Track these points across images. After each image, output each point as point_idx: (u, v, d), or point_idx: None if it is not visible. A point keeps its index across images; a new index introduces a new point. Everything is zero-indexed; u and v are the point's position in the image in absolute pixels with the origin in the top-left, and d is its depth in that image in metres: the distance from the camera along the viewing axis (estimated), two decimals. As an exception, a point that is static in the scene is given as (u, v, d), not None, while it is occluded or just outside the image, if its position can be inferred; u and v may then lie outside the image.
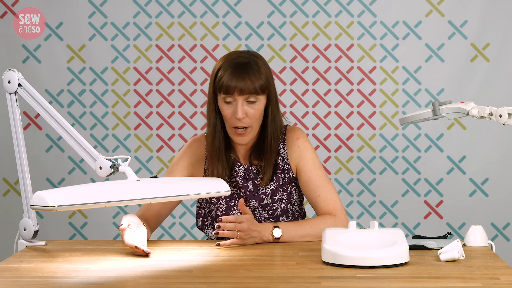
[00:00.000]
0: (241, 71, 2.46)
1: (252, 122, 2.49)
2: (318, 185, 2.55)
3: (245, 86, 2.45)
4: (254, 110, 2.48)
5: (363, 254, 2.10)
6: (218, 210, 2.59)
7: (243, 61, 2.49)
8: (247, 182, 2.57)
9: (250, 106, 2.48)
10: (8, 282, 2.00)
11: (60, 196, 1.97)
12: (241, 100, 2.46)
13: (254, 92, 2.46)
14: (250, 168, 2.58)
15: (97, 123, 3.92)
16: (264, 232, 2.41)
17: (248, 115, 2.47)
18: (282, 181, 2.58)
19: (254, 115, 2.48)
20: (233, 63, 2.48)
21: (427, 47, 3.87)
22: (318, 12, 3.88)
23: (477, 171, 3.88)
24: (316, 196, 2.54)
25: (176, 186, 2.24)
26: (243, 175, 2.58)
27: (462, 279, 2.00)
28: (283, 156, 2.58)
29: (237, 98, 2.46)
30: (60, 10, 3.88)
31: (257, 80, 2.47)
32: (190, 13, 3.89)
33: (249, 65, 2.48)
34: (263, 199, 2.57)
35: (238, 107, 2.46)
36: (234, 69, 2.47)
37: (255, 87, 2.46)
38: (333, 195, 2.55)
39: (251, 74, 2.46)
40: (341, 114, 3.90)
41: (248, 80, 2.45)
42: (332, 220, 2.50)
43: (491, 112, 2.38)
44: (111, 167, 2.19)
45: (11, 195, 3.94)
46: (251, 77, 2.46)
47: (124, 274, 2.08)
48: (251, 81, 2.45)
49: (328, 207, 2.53)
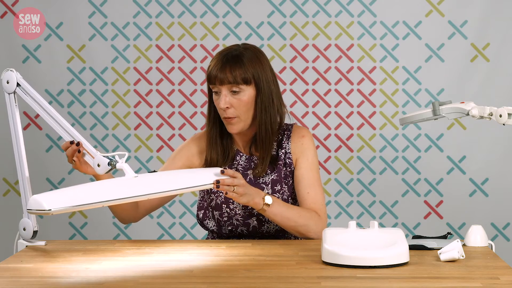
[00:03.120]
0: (224, 63, 2.54)
1: (238, 113, 2.55)
2: (310, 183, 2.60)
3: (224, 76, 2.53)
4: (237, 100, 2.54)
5: (363, 254, 2.10)
6: (218, 199, 2.62)
7: (230, 53, 2.57)
8: (247, 170, 2.63)
9: (234, 96, 2.55)
10: (8, 282, 2.00)
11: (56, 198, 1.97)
12: (224, 90, 2.54)
13: (234, 82, 2.53)
14: (251, 158, 2.64)
15: (97, 123, 3.92)
16: (257, 194, 2.46)
17: (232, 105, 2.54)
18: (284, 174, 2.62)
19: (238, 105, 2.54)
20: (220, 55, 2.57)
21: (427, 47, 3.87)
22: (318, 12, 3.88)
23: (477, 171, 3.88)
24: (305, 193, 2.59)
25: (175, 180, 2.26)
26: (243, 164, 2.64)
27: (462, 279, 2.00)
28: (286, 150, 2.64)
29: (220, 89, 2.55)
30: (60, 10, 3.88)
31: (238, 71, 2.53)
32: (190, 13, 3.89)
33: (234, 57, 2.56)
34: (263, 188, 2.61)
35: (222, 97, 2.54)
36: (218, 60, 2.55)
37: (235, 77, 2.53)
38: (321, 197, 2.61)
39: (232, 65, 2.54)
40: (341, 114, 3.90)
41: (228, 71, 2.53)
42: (317, 218, 2.56)
43: (491, 112, 2.38)
44: (109, 164, 2.19)
45: (11, 195, 3.94)
46: (231, 68, 2.53)
47: (124, 274, 2.08)
48: (231, 72, 2.53)
49: (314, 206, 2.58)
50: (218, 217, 2.63)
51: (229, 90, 2.54)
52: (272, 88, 2.59)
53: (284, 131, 2.66)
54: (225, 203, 2.61)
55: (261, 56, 2.60)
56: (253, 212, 2.60)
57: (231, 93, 2.54)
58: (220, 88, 2.54)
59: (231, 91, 2.54)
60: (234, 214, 2.61)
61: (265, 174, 2.61)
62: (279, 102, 2.62)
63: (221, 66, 2.53)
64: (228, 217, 2.62)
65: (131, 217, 2.63)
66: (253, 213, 2.60)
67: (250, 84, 2.55)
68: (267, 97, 2.58)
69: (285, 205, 2.52)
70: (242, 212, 2.61)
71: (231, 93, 2.54)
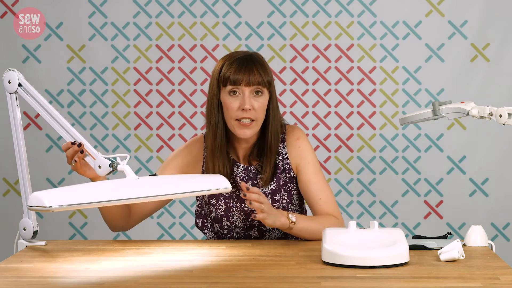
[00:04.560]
0: (248, 64, 2.49)
1: (257, 115, 2.49)
2: (319, 188, 2.56)
3: (252, 77, 2.48)
4: (259, 103, 2.49)
5: (363, 254, 2.10)
6: (217, 211, 2.59)
7: (249, 55, 2.53)
8: (246, 182, 2.57)
9: (256, 98, 2.49)
10: (8, 282, 2.00)
11: (57, 196, 1.96)
12: (248, 91, 2.48)
13: (261, 84, 2.48)
14: (249, 168, 2.58)
15: (97, 123, 3.92)
16: (280, 214, 2.41)
17: (254, 108, 2.48)
18: (283, 181, 2.58)
19: (259, 108, 2.49)
20: (239, 58, 2.51)
21: (427, 47, 3.87)
22: (318, 12, 3.88)
23: (477, 171, 3.88)
24: (317, 199, 2.55)
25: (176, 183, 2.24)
26: (242, 176, 2.58)
27: (462, 279, 2.00)
28: (283, 156, 2.59)
29: (244, 90, 2.48)
30: (60, 10, 3.88)
31: (264, 73, 2.50)
32: (190, 13, 3.89)
33: (255, 59, 2.52)
34: None
35: (246, 98, 2.47)
36: (241, 62, 2.50)
37: (262, 79, 2.49)
38: (333, 199, 2.59)
39: (258, 66, 2.50)
40: (341, 114, 3.90)
41: (255, 71, 2.48)
42: (337, 222, 2.53)
43: (491, 112, 2.38)
44: (110, 165, 2.18)
45: (11, 195, 3.94)
46: (258, 69, 2.49)
47: (124, 274, 2.08)
48: (258, 73, 2.48)
49: (329, 210, 2.55)
50: (218, 229, 2.61)
51: (253, 92, 2.49)
52: (276, 95, 2.58)
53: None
54: (225, 216, 2.58)
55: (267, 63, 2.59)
56: (254, 223, 2.57)
57: (253, 95, 2.49)
58: (243, 90, 2.47)
59: (254, 93, 2.49)
60: (234, 227, 2.59)
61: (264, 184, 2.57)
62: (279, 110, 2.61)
63: (247, 66, 2.48)
64: (229, 230, 2.60)
65: (121, 225, 2.57)
66: (253, 224, 2.57)
67: (269, 88, 2.52)
68: (276, 103, 2.56)
69: (307, 219, 2.48)
70: (243, 224, 2.58)
71: (253, 95, 2.49)
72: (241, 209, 2.56)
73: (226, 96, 2.50)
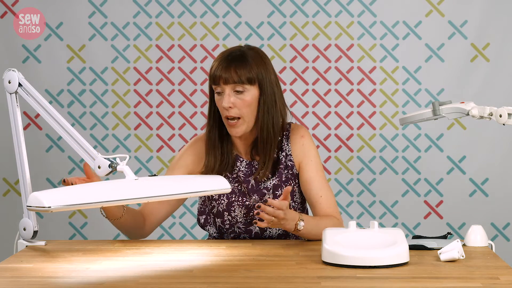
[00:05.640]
0: (228, 62, 2.52)
1: (241, 113, 2.52)
2: (320, 186, 2.58)
3: (229, 76, 2.50)
4: (241, 100, 2.51)
5: (363, 254, 2.10)
6: (219, 206, 2.60)
7: (233, 53, 2.55)
8: (248, 177, 2.59)
9: (237, 96, 2.52)
10: (8, 282, 2.00)
11: (56, 196, 1.96)
12: (228, 89, 2.52)
13: (239, 82, 2.51)
14: (252, 163, 2.61)
15: (97, 123, 3.92)
16: (291, 222, 2.40)
17: (236, 105, 2.51)
18: (285, 177, 2.60)
19: (242, 106, 2.52)
20: (224, 56, 2.55)
21: (427, 47, 3.87)
22: (318, 12, 3.88)
23: (477, 171, 3.88)
24: (318, 197, 2.56)
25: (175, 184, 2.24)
26: (245, 170, 2.60)
27: (462, 279, 2.00)
28: (286, 153, 2.60)
29: (224, 88, 2.52)
30: (60, 10, 3.88)
31: (243, 71, 2.51)
32: (190, 13, 3.89)
33: (238, 57, 2.54)
34: (265, 194, 2.58)
35: (225, 96, 2.51)
36: (222, 60, 2.53)
37: (239, 77, 2.51)
38: (333, 198, 2.60)
39: (238, 65, 2.52)
40: (341, 114, 3.90)
41: (232, 70, 2.51)
42: (338, 223, 2.55)
43: (491, 112, 2.38)
44: (110, 166, 2.18)
45: (11, 195, 3.94)
46: (237, 67, 2.51)
47: (124, 274, 2.08)
48: (235, 71, 2.51)
49: (330, 209, 2.57)
50: (220, 224, 2.62)
51: (233, 90, 2.52)
52: (275, 90, 2.58)
53: (283, 131, 2.63)
54: (227, 210, 2.59)
55: (265, 57, 2.59)
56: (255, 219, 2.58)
57: (234, 93, 2.52)
58: (223, 88, 2.52)
59: (235, 91, 2.52)
60: (236, 221, 2.60)
61: (266, 179, 2.58)
62: (282, 104, 2.60)
63: (226, 65, 2.51)
64: (230, 225, 2.61)
65: (139, 234, 2.61)
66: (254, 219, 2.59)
67: (254, 84, 2.53)
68: (270, 98, 2.56)
69: (315, 223, 2.47)
70: (244, 219, 2.60)
71: (234, 93, 2.52)
72: (242, 203, 2.57)
73: (215, 95, 2.57)
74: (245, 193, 2.58)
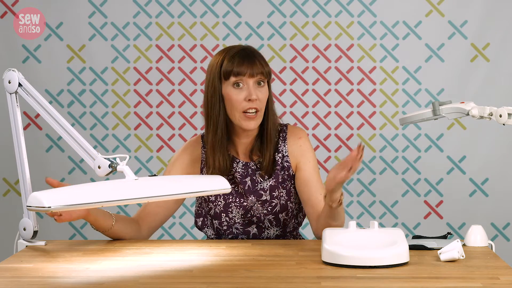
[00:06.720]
0: (250, 55, 2.52)
1: (261, 105, 2.52)
2: (319, 186, 2.57)
3: (255, 68, 2.50)
4: (262, 93, 2.52)
5: (363, 254, 2.10)
6: (216, 207, 2.60)
7: (248, 48, 2.56)
8: (245, 178, 2.58)
9: (259, 89, 2.52)
10: (8, 282, 2.00)
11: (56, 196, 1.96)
12: (252, 82, 2.51)
13: (263, 74, 2.52)
14: (249, 164, 2.59)
15: (97, 123, 3.92)
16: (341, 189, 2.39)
17: (258, 98, 2.51)
18: (282, 178, 2.59)
19: (263, 98, 2.52)
20: (239, 51, 2.54)
21: (427, 47, 3.87)
22: (318, 12, 3.88)
23: (477, 171, 3.88)
24: (318, 195, 2.55)
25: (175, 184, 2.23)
26: (241, 171, 2.59)
27: (462, 279, 2.00)
28: (283, 154, 2.59)
29: (248, 81, 2.50)
30: (60, 10, 3.88)
31: (265, 64, 2.54)
32: (190, 13, 3.89)
33: (254, 51, 2.55)
34: (262, 194, 2.57)
35: (251, 89, 2.50)
36: (242, 54, 2.52)
37: (264, 69, 2.52)
38: None
39: (259, 58, 2.53)
40: (341, 114, 3.90)
41: (257, 62, 2.51)
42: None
43: (491, 112, 2.38)
44: (109, 166, 2.18)
45: (11, 195, 3.94)
46: (259, 60, 2.53)
47: (124, 274, 2.08)
48: (260, 64, 2.52)
49: None
50: (217, 225, 2.61)
51: (256, 82, 2.52)
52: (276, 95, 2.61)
53: (279, 132, 2.62)
54: (224, 212, 2.59)
55: None
56: (253, 220, 2.58)
57: (256, 86, 2.52)
58: (247, 81, 2.50)
59: (257, 84, 2.52)
60: (233, 222, 2.60)
61: (262, 180, 2.58)
62: None
63: (249, 58, 2.51)
64: (228, 226, 2.61)
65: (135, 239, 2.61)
66: (252, 220, 2.59)
67: (269, 79, 2.56)
68: (271, 96, 2.58)
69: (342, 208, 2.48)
70: (242, 220, 2.60)
71: (256, 86, 2.52)
72: (240, 204, 2.57)
73: (230, 89, 2.52)
74: (242, 194, 2.58)
